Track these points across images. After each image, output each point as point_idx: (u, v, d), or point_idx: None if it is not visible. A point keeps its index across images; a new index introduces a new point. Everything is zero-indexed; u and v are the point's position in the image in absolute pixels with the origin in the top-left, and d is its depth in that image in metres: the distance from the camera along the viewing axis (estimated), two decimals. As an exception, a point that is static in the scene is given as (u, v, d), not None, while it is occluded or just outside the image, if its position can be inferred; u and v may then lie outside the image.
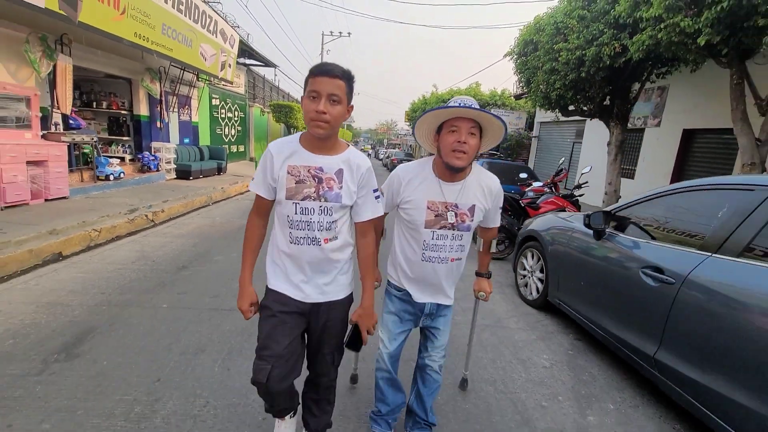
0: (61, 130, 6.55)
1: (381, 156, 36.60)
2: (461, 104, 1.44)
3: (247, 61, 16.64)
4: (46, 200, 5.89)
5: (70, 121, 6.85)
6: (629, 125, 8.08)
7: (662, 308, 2.14)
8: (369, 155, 44.14)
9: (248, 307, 1.47)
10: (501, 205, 1.71)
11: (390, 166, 23.05)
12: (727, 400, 1.77)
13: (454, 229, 1.58)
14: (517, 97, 17.02)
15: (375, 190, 1.46)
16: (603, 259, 2.75)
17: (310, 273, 1.42)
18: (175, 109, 10.55)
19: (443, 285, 1.66)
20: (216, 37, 9.95)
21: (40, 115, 6.09)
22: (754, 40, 4.07)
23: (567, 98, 7.19)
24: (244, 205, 8.04)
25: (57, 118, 6.54)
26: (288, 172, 1.35)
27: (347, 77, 1.30)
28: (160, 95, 9.45)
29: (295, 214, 1.36)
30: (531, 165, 15.84)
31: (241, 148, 17.11)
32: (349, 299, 1.55)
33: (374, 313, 1.51)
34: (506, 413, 2.16)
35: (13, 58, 5.72)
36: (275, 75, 17.70)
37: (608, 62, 5.67)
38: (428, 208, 1.56)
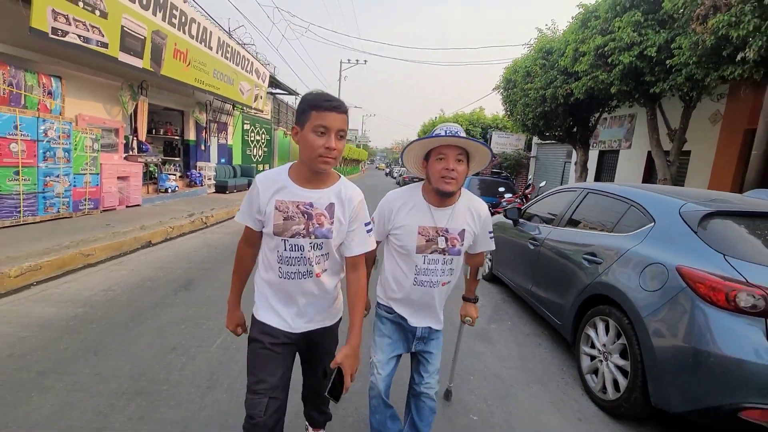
0: (137, 153, 8.45)
1: (395, 174, 37.61)
2: (447, 132, 1.45)
3: (274, 90, 18.80)
4: (126, 206, 7.71)
5: (142, 146, 8.76)
6: (607, 147, 9.53)
7: (534, 260, 3.63)
8: (386, 174, 45.46)
9: (235, 328, 1.50)
10: (490, 230, 1.70)
11: (402, 183, 24.66)
12: (550, 301, 3.25)
13: (445, 254, 1.58)
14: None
15: (367, 224, 1.41)
16: (515, 237, 4.25)
17: (303, 305, 1.39)
18: (215, 134, 12.54)
19: (435, 308, 1.67)
20: (252, 75, 11.96)
21: (124, 141, 8.00)
22: (657, 88, 5.57)
23: (539, 126, 8.74)
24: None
25: (134, 143, 8.45)
26: (276, 208, 1.29)
27: (347, 111, 1.27)
28: (206, 123, 11.43)
29: (285, 250, 1.32)
30: (530, 181, 17.25)
31: (267, 167, 19.09)
32: (339, 321, 1.54)
33: (359, 357, 1.36)
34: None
35: (109, 100, 7.67)
36: (296, 101, 19.90)
37: (562, 100, 7.22)
38: (419, 233, 1.55)
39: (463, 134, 1.46)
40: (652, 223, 2.48)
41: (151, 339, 2.88)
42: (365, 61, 33.56)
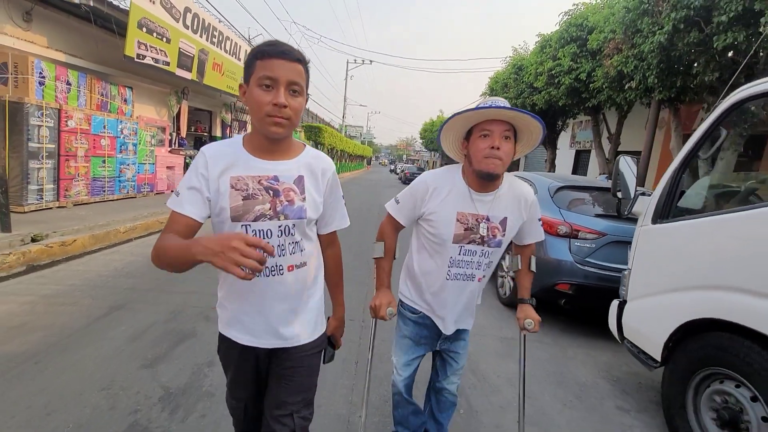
0: (178, 147, 10.17)
1: (398, 171, 38.40)
2: (493, 105, 1.25)
3: (286, 91, 20.50)
4: (171, 191, 9.44)
5: (181, 141, 10.48)
6: (581, 147, 11.17)
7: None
8: (391, 171, 46.19)
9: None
10: (539, 218, 1.49)
11: (403, 179, 26.20)
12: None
13: (483, 245, 1.39)
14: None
15: (342, 197, 1.23)
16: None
17: (271, 314, 1.09)
18: (237, 130, 14.27)
19: (469, 306, 1.49)
20: (270, 79, 13.66)
21: (169, 138, 9.72)
22: (590, 103, 7.17)
23: (515, 129, 10.44)
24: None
25: (176, 139, 10.18)
26: (231, 186, 1.01)
27: (305, 61, 1.01)
28: (230, 121, 13.15)
29: None
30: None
31: (278, 161, 20.84)
32: (321, 340, 1.23)
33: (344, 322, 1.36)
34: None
35: (158, 104, 9.38)
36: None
37: (530, 109, 8.87)
38: (458, 220, 1.36)
39: (509, 106, 1.25)
40: (537, 193, 4.13)
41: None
42: (371, 61, 35.08)
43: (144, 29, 6.51)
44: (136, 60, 6.53)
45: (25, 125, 5.36)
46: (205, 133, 12.81)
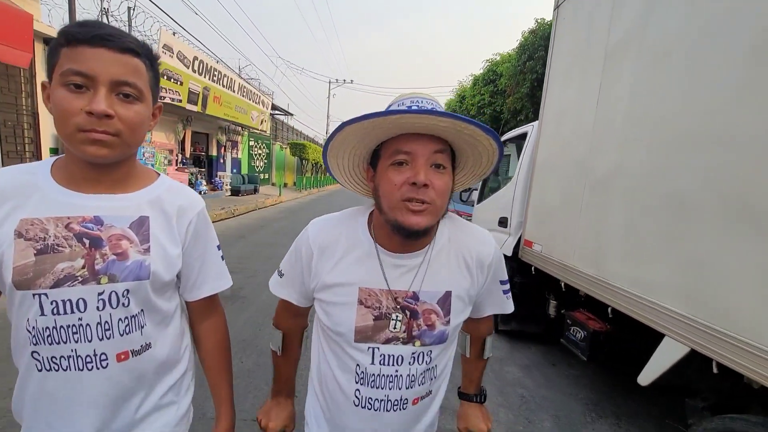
0: (182, 166, 12.08)
1: None
2: (413, 106, 0.70)
3: (272, 112, 22.56)
4: (179, 202, 11.30)
5: (184, 161, 12.39)
6: None
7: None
8: None
9: None
10: (504, 279, 0.90)
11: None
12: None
13: (414, 343, 0.79)
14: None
15: (219, 247, 0.88)
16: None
17: (95, 424, 0.72)
18: (230, 150, 16.20)
19: None
20: (259, 104, 15.70)
21: (175, 158, 11.64)
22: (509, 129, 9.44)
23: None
24: (273, 211, 13.44)
25: (180, 159, 12.09)
26: (19, 234, 0.66)
27: (145, 53, 0.70)
28: (224, 142, 15.10)
29: (42, 315, 0.67)
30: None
31: (266, 176, 22.72)
32: None
33: None
34: None
35: (168, 130, 11.32)
36: (288, 119, 23.88)
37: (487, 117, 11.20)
38: (361, 302, 0.79)
39: (442, 109, 0.72)
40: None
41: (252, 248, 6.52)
42: (351, 80, 37.52)
43: (165, 77, 8.50)
44: (159, 100, 8.50)
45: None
46: (203, 153, 14.72)
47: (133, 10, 7.58)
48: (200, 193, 13.66)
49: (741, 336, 1.31)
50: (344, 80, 38.41)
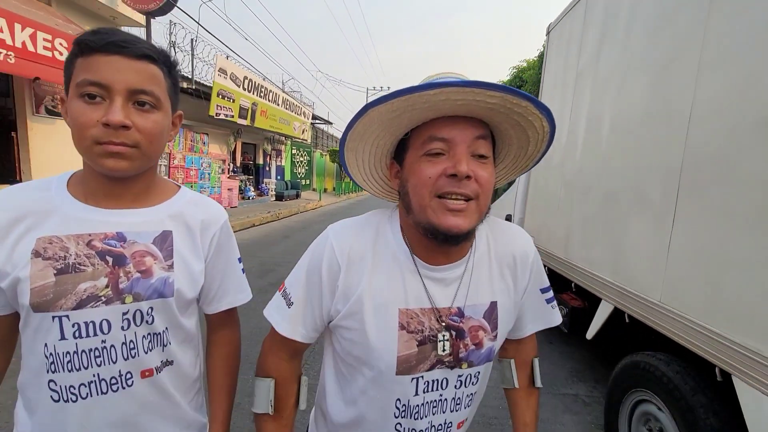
0: (233, 174, 13.37)
1: None
2: (450, 79, 0.58)
3: (313, 121, 23.87)
4: (231, 207, 12.54)
5: (235, 169, 13.68)
6: None
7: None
8: None
9: None
10: (545, 285, 0.80)
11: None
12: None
13: (461, 366, 0.70)
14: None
15: (239, 260, 0.87)
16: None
17: None
18: (274, 159, 17.49)
19: None
20: (301, 115, 16.85)
21: (228, 167, 12.92)
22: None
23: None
24: (313, 214, 14.41)
25: (231, 168, 13.38)
26: (36, 254, 0.64)
27: (163, 60, 0.68)
28: (270, 151, 16.37)
29: (62, 339, 0.64)
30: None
31: (308, 182, 24.03)
32: None
33: None
34: None
35: (221, 143, 12.62)
36: (328, 128, 25.66)
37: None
38: (402, 326, 0.67)
39: (486, 83, 0.56)
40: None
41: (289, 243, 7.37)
42: (388, 87, 38.44)
43: (220, 96, 9.65)
44: (216, 117, 9.68)
45: (153, 165, 8.51)
46: (251, 162, 16.08)
47: (195, 41, 8.75)
48: (248, 198, 15.00)
49: (640, 294, 1.79)
50: (381, 87, 39.47)
